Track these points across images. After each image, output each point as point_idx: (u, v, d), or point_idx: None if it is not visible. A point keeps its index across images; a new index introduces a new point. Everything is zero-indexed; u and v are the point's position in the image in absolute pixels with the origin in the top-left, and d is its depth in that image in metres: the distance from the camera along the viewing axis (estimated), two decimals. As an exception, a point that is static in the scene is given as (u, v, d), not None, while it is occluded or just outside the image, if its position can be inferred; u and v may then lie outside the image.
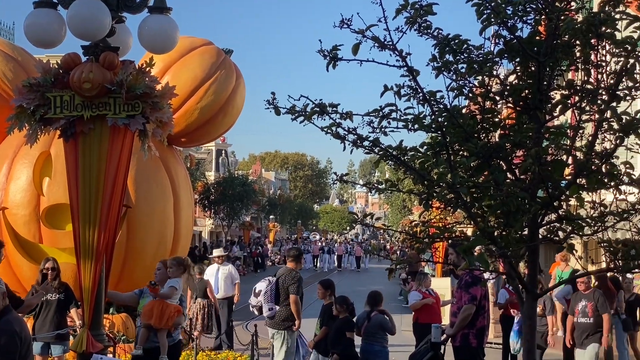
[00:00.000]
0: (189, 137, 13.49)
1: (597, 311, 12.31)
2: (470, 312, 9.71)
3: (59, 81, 6.99)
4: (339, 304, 10.93)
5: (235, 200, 53.02)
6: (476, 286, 9.81)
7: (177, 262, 9.96)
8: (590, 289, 12.52)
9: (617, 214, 5.78)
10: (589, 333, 12.40)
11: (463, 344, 9.79)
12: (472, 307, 9.70)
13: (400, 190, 6.51)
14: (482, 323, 9.92)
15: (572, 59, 5.95)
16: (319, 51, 5.83)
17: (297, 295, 11.56)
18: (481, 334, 9.93)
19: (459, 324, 9.70)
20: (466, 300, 9.69)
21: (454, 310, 10.01)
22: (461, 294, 9.83)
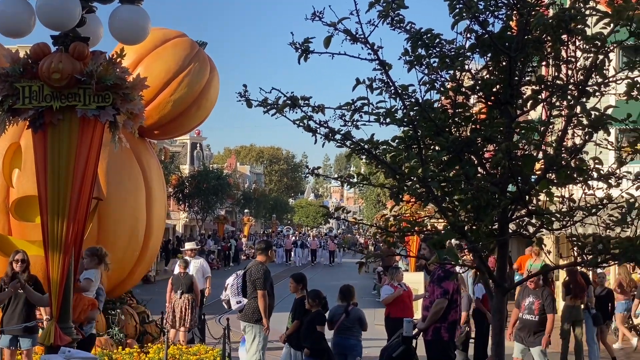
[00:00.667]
0: (162, 129, 13.40)
1: (543, 310, 12.30)
2: (443, 306, 9.74)
3: (28, 71, 6.90)
4: (312, 298, 10.92)
5: (210, 193, 52.90)
6: (448, 280, 9.83)
7: (91, 252, 9.74)
8: (540, 286, 12.51)
9: (586, 209, 5.82)
10: (534, 331, 12.40)
11: (435, 338, 9.82)
12: (444, 301, 9.73)
13: (372, 184, 6.52)
14: (454, 317, 9.96)
15: (542, 55, 5.98)
16: (290, 43, 5.81)
17: (264, 289, 11.52)
18: (453, 327, 9.96)
19: (431, 317, 9.73)
20: (438, 294, 9.72)
21: (426, 304, 10.02)
22: (433, 288, 9.85)
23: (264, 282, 11.54)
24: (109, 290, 12.65)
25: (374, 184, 6.65)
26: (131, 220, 12.35)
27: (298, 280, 11.67)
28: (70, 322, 7.30)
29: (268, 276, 11.65)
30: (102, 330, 11.88)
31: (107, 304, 12.50)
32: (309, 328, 10.71)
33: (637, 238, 5.48)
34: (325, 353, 10.78)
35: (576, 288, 14.87)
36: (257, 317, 11.49)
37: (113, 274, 12.40)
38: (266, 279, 11.58)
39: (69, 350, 6.86)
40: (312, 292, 11.11)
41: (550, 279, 16.27)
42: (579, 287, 14.87)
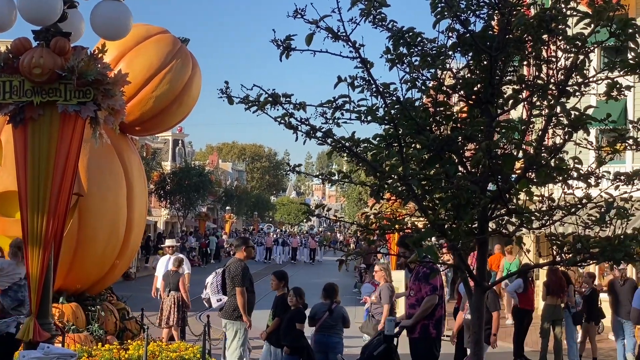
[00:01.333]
0: (144, 126, 13.33)
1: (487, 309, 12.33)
2: (434, 302, 9.78)
3: (9, 66, 6.87)
4: (296, 295, 10.91)
5: (192, 190, 52.76)
6: (434, 277, 9.86)
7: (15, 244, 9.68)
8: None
9: (565, 208, 5.87)
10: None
11: (422, 335, 9.81)
12: (435, 297, 9.77)
13: (353, 182, 6.53)
14: (440, 313, 9.98)
15: (523, 54, 6.02)
16: (272, 41, 5.81)
17: (242, 286, 11.55)
18: (439, 324, 9.99)
19: (420, 314, 9.70)
20: (428, 291, 9.72)
21: (411, 302, 10.00)
22: (420, 286, 9.83)
23: (242, 279, 11.56)
24: (90, 287, 12.62)
25: (355, 182, 6.67)
26: (112, 217, 12.30)
27: (280, 278, 11.66)
28: (50, 318, 7.27)
29: (246, 273, 11.66)
30: (81, 327, 11.83)
31: (87, 300, 12.47)
32: (289, 326, 10.71)
33: (615, 237, 5.52)
34: (305, 350, 10.79)
35: (555, 287, 14.97)
36: (237, 314, 11.49)
37: (93, 270, 12.37)
38: (244, 276, 11.59)
39: (48, 346, 6.84)
40: (296, 289, 11.12)
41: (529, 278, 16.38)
42: (558, 286, 14.97)
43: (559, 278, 15.00)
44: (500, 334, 18.53)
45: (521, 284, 15.70)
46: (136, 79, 11.49)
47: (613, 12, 5.47)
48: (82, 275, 12.20)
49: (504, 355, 15.81)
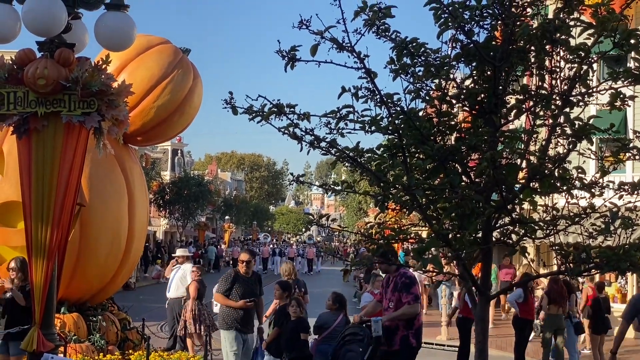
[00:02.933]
0: (145, 136, 13.35)
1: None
2: (417, 311, 9.60)
3: (13, 77, 6.88)
4: (299, 305, 10.83)
5: (191, 200, 52.79)
6: (415, 285, 9.72)
7: None
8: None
9: (569, 217, 5.88)
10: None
11: (403, 346, 9.48)
12: (417, 306, 9.59)
13: (357, 192, 6.55)
14: (419, 323, 9.77)
15: (527, 65, 6.04)
16: (277, 51, 5.84)
17: (217, 292, 11.72)
18: (419, 334, 9.78)
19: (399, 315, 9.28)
20: (410, 299, 9.45)
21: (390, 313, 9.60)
22: (400, 296, 9.51)
23: (220, 285, 11.69)
24: (91, 297, 12.62)
25: (358, 192, 6.68)
26: (113, 226, 12.30)
27: (284, 288, 11.63)
28: (54, 328, 7.26)
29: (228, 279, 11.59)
30: (83, 337, 11.82)
31: (89, 310, 12.46)
32: (293, 336, 10.64)
33: (620, 247, 5.54)
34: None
35: (557, 296, 14.96)
36: (225, 323, 11.45)
37: (94, 280, 12.36)
38: (225, 281, 11.59)
39: (52, 356, 6.83)
40: (297, 299, 11.06)
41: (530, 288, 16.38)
42: (560, 295, 14.96)
43: (560, 287, 14.99)
44: (502, 343, 18.60)
45: (521, 294, 15.68)
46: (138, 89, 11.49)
47: (616, 23, 5.51)
48: (83, 285, 12.19)
49: (506, 364, 15.81)
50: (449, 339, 18.49)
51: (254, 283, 11.66)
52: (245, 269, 11.52)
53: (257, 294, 11.58)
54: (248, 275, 11.54)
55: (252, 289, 11.54)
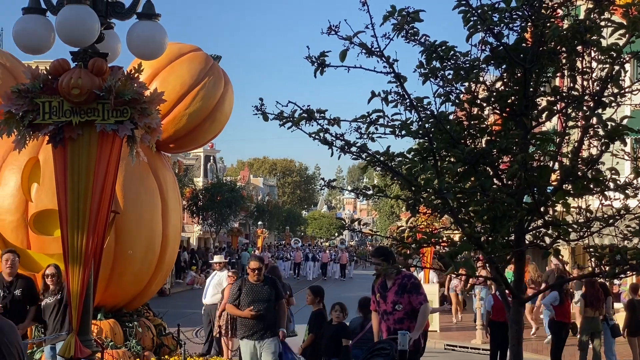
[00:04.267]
0: (177, 143, 13.46)
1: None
2: (429, 310, 9.63)
3: (48, 87, 6.99)
4: (342, 311, 10.78)
5: (224, 206, 52.98)
6: (422, 287, 9.68)
7: None
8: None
9: (603, 219, 5.84)
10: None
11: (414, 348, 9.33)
12: (429, 305, 9.58)
13: (388, 196, 6.56)
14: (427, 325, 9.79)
15: (557, 66, 6.02)
16: (307, 57, 5.87)
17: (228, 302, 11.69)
18: (426, 336, 9.74)
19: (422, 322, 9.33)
20: (422, 300, 9.34)
21: (399, 316, 9.32)
22: (409, 298, 9.41)
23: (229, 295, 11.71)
24: (127, 303, 12.74)
25: (389, 196, 6.69)
26: (147, 233, 12.41)
27: (316, 293, 11.64)
28: (91, 335, 7.35)
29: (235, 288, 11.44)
30: (119, 343, 11.93)
31: (125, 316, 12.57)
32: (334, 341, 10.59)
33: (655, 248, 5.49)
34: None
35: (593, 299, 14.81)
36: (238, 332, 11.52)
37: (130, 286, 12.48)
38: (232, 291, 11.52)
39: (89, 363, 6.92)
40: (341, 304, 10.97)
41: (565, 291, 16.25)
42: (596, 298, 14.81)
43: (596, 290, 14.85)
44: (537, 347, 18.46)
45: (557, 297, 15.56)
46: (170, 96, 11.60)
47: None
48: (119, 291, 12.32)
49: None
50: (484, 342, 18.37)
51: (265, 289, 11.18)
52: (254, 276, 11.19)
53: (270, 299, 11.12)
54: (258, 282, 11.18)
55: (262, 295, 11.12)
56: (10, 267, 10.27)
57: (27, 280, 10.32)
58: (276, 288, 11.33)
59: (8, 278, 10.25)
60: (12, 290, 10.16)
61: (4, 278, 10.28)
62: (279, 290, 11.38)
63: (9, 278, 10.25)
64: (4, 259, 10.32)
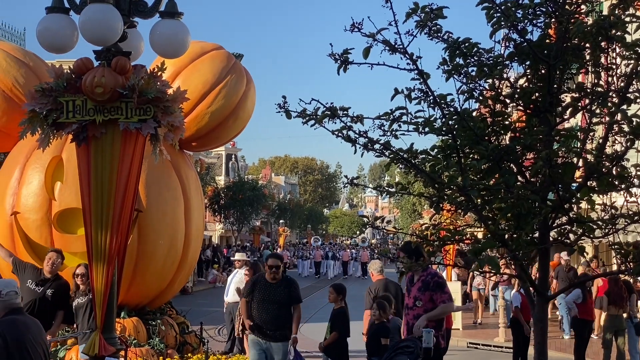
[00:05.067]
0: (200, 141, 13.50)
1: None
2: (452, 309, 9.61)
3: (72, 86, 7.03)
4: (380, 309, 10.66)
5: (245, 204, 53.11)
6: (447, 286, 9.63)
7: None
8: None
9: (628, 216, 5.79)
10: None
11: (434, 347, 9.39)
12: (453, 305, 9.54)
13: (411, 193, 6.54)
14: (447, 325, 9.74)
15: (582, 62, 5.98)
16: (330, 55, 5.87)
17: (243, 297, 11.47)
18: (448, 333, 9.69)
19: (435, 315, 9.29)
20: (445, 299, 9.34)
21: (418, 312, 9.38)
22: (431, 295, 9.36)
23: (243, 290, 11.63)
24: (150, 301, 12.80)
25: (413, 194, 6.67)
26: (170, 231, 12.46)
27: (338, 291, 11.62)
28: (115, 333, 7.39)
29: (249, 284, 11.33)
30: (143, 341, 11.99)
31: (148, 314, 12.63)
32: (375, 341, 10.56)
33: (680, 245, 5.44)
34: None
35: (617, 297, 14.71)
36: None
37: (153, 284, 12.53)
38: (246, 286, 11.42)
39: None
40: (380, 303, 10.90)
41: (588, 288, 16.15)
42: (619, 295, 14.71)
43: (620, 288, 14.74)
44: (560, 345, 18.35)
45: (580, 295, 15.47)
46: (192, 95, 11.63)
47: (673, 18, 5.41)
48: (142, 290, 12.37)
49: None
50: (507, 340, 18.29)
51: (280, 290, 10.73)
52: (270, 274, 10.78)
53: (282, 300, 10.68)
54: (275, 280, 10.74)
55: (275, 296, 10.69)
56: (51, 265, 10.32)
57: (63, 285, 10.35)
58: (293, 289, 10.90)
59: (47, 275, 10.31)
60: (46, 289, 10.21)
61: (43, 274, 10.34)
62: (295, 292, 10.91)
63: (48, 276, 10.31)
64: (48, 257, 10.38)
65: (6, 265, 11.45)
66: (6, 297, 6.28)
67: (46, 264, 10.32)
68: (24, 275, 10.36)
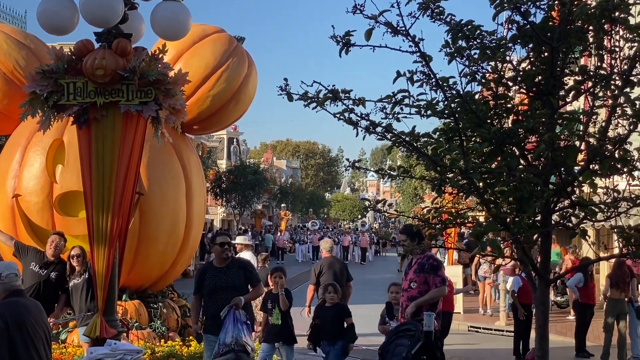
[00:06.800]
0: (201, 124, 13.48)
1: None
2: (444, 293, 9.58)
3: (72, 68, 7.01)
4: (335, 292, 10.57)
5: (247, 188, 53.14)
6: (442, 269, 9.63)
7: None
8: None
9: (630, 199, 5.78)
10: None
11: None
12: (445, 289, 9.52)
13: (413, 177, 6.51)
14: (440, 307, 9.72)
15: (585, 45, 5.94)
16: (332, 37, 5.83)
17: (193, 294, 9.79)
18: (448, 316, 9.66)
19: (427, 300, 9.30)
20: (438, 282, 9.33)
21: (413, 294, 9.41)
22: (426, 277, 9.35)
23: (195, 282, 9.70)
24: (151, 284, 12.82)
25: (415, 177, 6.65)
26: (172, 215, 12.46)
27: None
28: (116, 315, 7.41)
29: (197, 275, 9.62)
30: (144, 324, 12.02)
31: (149, 297, 12.66)
32: (338, 323, 10.40)
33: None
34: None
35: (619, 280, 14.71)
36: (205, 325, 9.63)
37: (154, 267, 12.55)
38: (195, 278, 9.65)
39: (115, 342, 6.96)
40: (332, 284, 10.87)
41: (590, 272, 16.16)
42: (622, 280, 14.71)
43: (623, 272, 14.74)
44: (562, 328, 18.39)
45: (581, 278, 15.50)
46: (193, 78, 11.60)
47: (678, 0, 5.37)
48: (144, 273, 12.39)
49: (566, 350, 15.63)
50: (508, 324, 18.33)
51: (233, 272, 9.28)
52: (223, 253, 9.33)
53: (238, 285, 9.20)
54: (225, 264, 9.29)
55: (228, 280, 9.22)
56: (54, 248, 10.30)
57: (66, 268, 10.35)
58: (248, 271, 9.48)
59: (50, 258, 10.30)
60: (50, 272, 10.21)
61: (46, 257, 10.33)
62: (251, 273, 9.53)
63: (51, 259, 10.30)
64: (50, 240, 10.36)
65: (7, 250, 11.46)
66: (6, 280, 6.27)
67: (49, 247, 10.31)
68: (27, 258, 10.35)
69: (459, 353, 15.22)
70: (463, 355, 15.14)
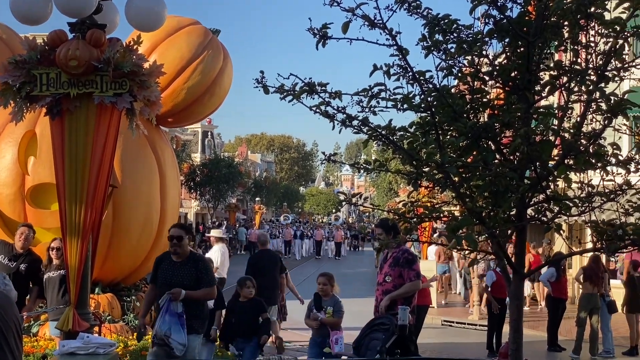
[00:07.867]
0: (176, 117, 13.41)
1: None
2: (418, 288, 9.61)
3: (45, 58, 6.94)
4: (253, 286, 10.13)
5: (221, 182, 53.06)
6: (417, 262, 9.66)
7: None
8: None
9: (604, 194, 5.80)
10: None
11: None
12: (419, 283, 9.55)
13: (389, 170, 6.50)
14: (415, 302, 9.74)
15: (561, 40, 5.95)
16: (308, 29, 5.80)
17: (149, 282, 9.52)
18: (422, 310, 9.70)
19: (401, 294, 9.30)
20: (412, 276, 9.37)
21: (387, 288, 9.41)
22: (400, 271, 9.41)
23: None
24: (124, 277, 12.74)
25: (391, 171, 6.64)
26: (145, 208, 12.39)
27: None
28: (89, 308, 7.34)
29: (154, 264, 8.83)
30: (117, 317, 11.95)
31: (122, 290, 12.58)
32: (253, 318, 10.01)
33: (656, 224, 5.46)
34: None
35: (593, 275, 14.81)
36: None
37: (128, 260, 12.48)
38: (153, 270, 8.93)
39: (87, 335, 6.91)
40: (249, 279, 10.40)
41: (562, 267, 16.28)
42: (596, 274, 14.81)
43: (598, 267, 14.86)
44: (534, 323, 18.52)
45: (554, 273, 15.62)
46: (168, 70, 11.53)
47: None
48: (117, 266, 12.31)
49: (538, 344, 15.74)
50: (481, 318, 18.43)
51: (185, 269, 8.53)
52: (172, 248, 8.51)
53: (187, 284, 8.41)
54: (179, 258, 8.51)
55: (178, 277, 8.48)
56: (24, 240, 10.19)
57: (35, 260, 10.21)
58: (200, 269, 8.65)
59: (19, 250, 10.19)
60: (19, 264, 10.10)
61: (15, 249, 10.22)
62: (204, 273, 8.69)
63: (20, 251, 10.19)
64: (19, 232, 10.25)
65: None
66: None
67: (18, 239, 10.21)
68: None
69: (433, 347, 15.27)
70: (436, 349, 15.19)
